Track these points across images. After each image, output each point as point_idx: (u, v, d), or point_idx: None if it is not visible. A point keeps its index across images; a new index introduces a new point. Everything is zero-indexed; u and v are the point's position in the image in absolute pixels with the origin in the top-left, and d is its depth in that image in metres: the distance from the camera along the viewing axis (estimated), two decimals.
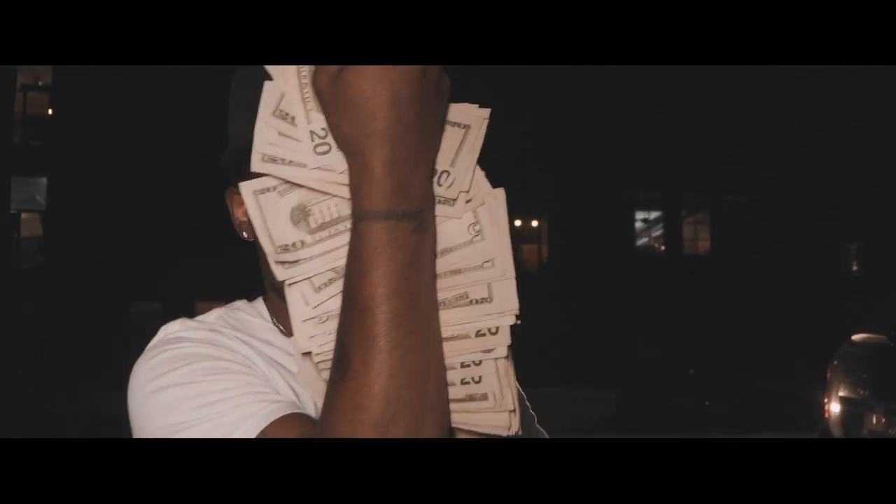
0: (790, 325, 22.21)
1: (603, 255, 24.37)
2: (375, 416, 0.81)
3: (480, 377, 0.91)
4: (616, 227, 25.49)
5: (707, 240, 26.66)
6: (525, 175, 24.55)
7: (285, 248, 0.91)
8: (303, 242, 0.91)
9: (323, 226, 0.91)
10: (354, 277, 0.84)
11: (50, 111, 24.69)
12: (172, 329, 1.09)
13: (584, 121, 24.17)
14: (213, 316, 1.15)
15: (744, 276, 24.48)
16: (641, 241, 27.08)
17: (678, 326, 23.19)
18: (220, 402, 0.97)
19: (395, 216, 0.83)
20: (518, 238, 25.84)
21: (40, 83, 24.96)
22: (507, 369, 0.92)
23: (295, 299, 0.91)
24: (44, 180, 24.62)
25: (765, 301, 23.51)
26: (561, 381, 18.97)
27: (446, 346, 0.89)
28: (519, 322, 0.94)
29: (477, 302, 0.92)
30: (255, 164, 0.89)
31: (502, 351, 0.92)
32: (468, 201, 0.93)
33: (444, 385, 0.87)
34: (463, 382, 0.91)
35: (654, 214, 26.80)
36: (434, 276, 0.88)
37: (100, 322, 21.99)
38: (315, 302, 0.91)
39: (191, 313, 1.00)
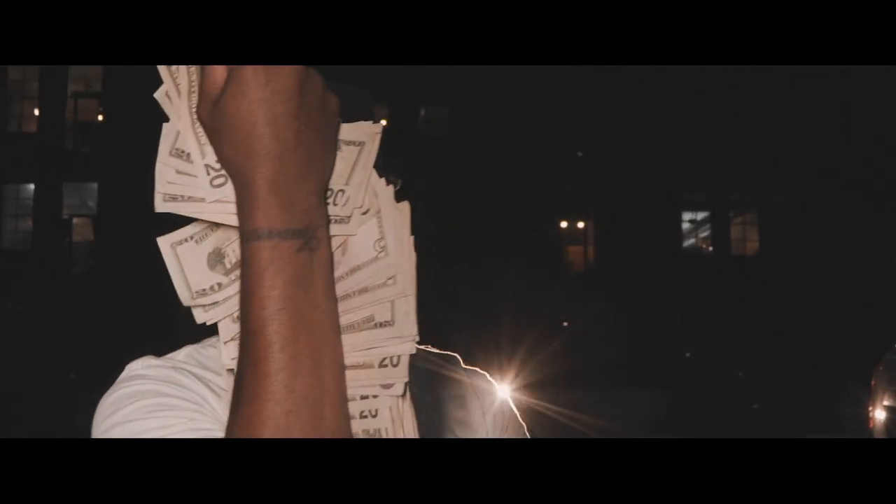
0: (840, 326, 21.89)
1: (650, 257, 24.21)
2: None
3: (377, 410, 0.90)
4: (663, 228, 25.32)
5: (756, 240, 26.38)
6: (572, 176, 24.47)
7: (202, 293, 0.91)
8: (220, 285, 0.91)
9: (237, 264, 0.90)
10: (243, 300, 0.83)
11: (100, 117, 25.09)
12: (134, 367, 1.10)
13: (630, 121, 24.04)
14: (183, 354, 1.15)
15: (793, 277, 24.18)
16: (689, 242, 26.87)
17: (727, 328, 22.96)
18: (161, 439, 0.98)
19: (277, 234, 0.82)
20: (564, 239, 25.78)
21: (90, 89, 25.36)
22: (401, 411, 0.91)
23: (221, 326, 0.92)
24: (95, 185, 25.03)
25: (814, 302, 23.20)
26: (607, 383, 18.87)
27: (350, 374, 0.88)
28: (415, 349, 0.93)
29: (380, 325, 0.91)
30: (158, 205, 0.89)
31: (399, 388, 0.90)
32: (364, 213, 0.93)
33: (343, 411, 0.84)
34: (361, 416, 0.90)
35: (701, 215, 26.57)
36: (329, 296, 0.86)
37: (151, 325, 22.27)
38: (235, 331, 0.90)
39: None
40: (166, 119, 0.92)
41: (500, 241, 23.20)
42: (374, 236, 0.93)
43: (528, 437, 1.34)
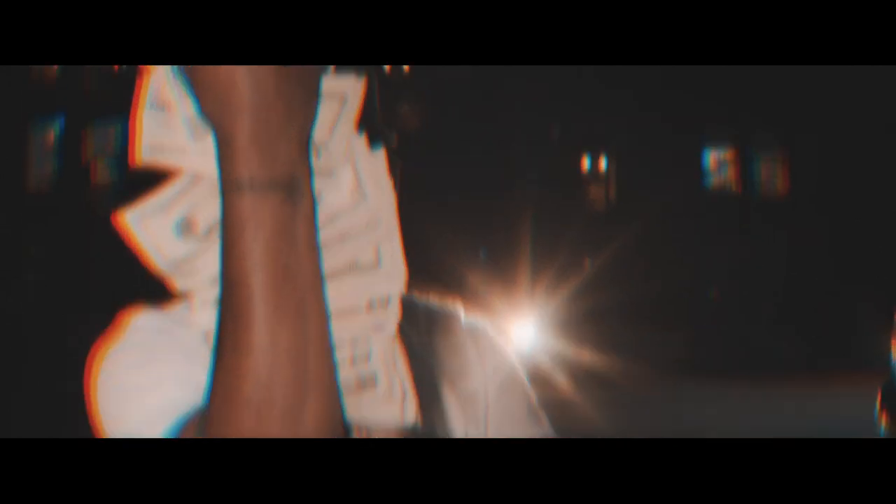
0: (869, 264, 21.78)
1: (672, 196, 24.03)
2: (247, 398, 0.79)
3: (369, 353, 0.92)
4: (686, 167, 25.11)
5: (783, 179, 26.09)
6: (592, 116, 24.28)
7: (176, 264, 0.92)
8: (194, 253, 0.91)
9: (210, 229, 0.90)
10: (224, 252, 0.82)
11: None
12: (129, 320, 1.09)
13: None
14: (183, 305, 1.16)
15: (821, 216, 23.98)
16: (712, 180, 26.59)
17: (752, 268, 22.88)
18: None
19: (259, 185, 0.81)
20: (585, 179, 25.65)
21: None
22: (394, 354, 0.93)
23: (199, 292, 0.94)
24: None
25: (842, 242, 23.06)
26: (632, 323, 18.94)
27: (337, 322, 0.87)
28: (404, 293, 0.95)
29: (365, 268, 0.92)
30: (141, 156, 0.90)
31: (390, 329, 0.92)
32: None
33: (328, 365, 0.83)
34: (353, 362, 0.91)
35: (726, 153, 26.28)
36: (313, 249, 0.85)
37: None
38: (213, 294, 0.90)
39: None
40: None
41: (521, 181, 23.12)
42: (351, 184, 0.93)
43: (528, 394, 1.26)
